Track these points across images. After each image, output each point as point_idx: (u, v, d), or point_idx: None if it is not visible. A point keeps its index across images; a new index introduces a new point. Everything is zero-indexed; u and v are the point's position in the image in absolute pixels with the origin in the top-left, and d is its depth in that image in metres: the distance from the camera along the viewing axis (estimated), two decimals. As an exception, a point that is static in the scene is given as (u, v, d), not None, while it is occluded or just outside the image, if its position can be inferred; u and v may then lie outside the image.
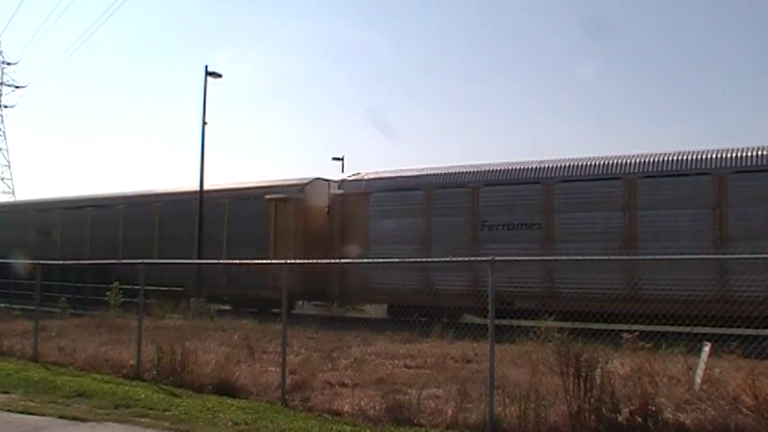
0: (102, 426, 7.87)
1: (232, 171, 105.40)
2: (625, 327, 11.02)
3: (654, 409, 7.04)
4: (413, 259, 18.98)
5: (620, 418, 7.03)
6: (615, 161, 18.19)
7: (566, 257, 15.97)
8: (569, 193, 18.50)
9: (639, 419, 6.97)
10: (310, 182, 23.86)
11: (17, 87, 64.62)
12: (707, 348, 8.44)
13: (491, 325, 7.64)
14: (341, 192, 22.50)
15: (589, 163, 18.61)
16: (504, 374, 8.11)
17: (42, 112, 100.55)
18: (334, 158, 38.48)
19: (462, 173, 20.39)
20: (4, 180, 67.37)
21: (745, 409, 6.89)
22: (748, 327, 13.67)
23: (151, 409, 8.58)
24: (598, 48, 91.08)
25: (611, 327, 12.33)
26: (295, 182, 24.03)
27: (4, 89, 64.99)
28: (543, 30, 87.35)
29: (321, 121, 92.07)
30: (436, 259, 18.01)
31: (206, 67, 24.86)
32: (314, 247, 22.06)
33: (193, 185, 25.49)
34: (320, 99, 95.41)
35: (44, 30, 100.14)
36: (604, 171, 18.27)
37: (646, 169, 17.69)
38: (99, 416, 8.28)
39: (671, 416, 7.03)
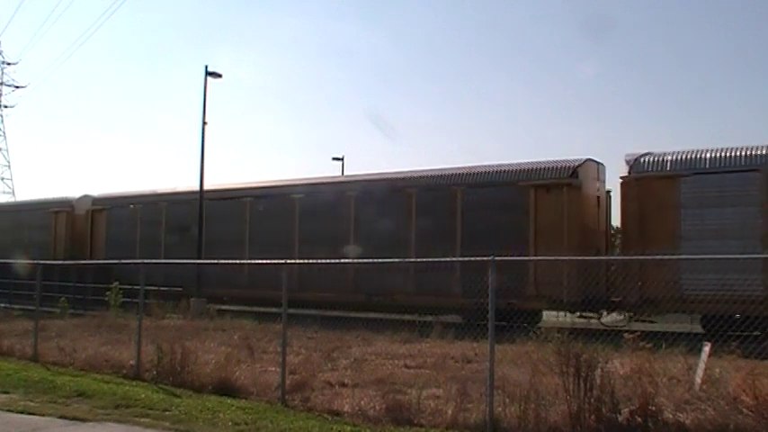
0: (102, 426, 7.87)
1: (231, 171, 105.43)
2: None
3: (654, 409, 7.03)
4: (410, 260, 18.43)
5: (620, 418, 7.04)
6: None
7: (574, 257, 15.06)
8: None
9: (639, 419, 6.97)
10: (582, 164, 19.12)
11: (17, 87, 64.76)
12: (707, 348, 8.43)
13: (491, 325, 7.64)
14: (633, 175, 17.80)
15: None
16: (504, 374, 8.10)
17: (42, 112, 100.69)
18: (334, 158, 38.44)
19: None
20: (4, 180, 67.50)
21: (745, 409, 6.89)
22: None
23: (151, 409, 8.57)
24: (598, 48, 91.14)
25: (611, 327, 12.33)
26: (561, 164, 19.23)
27: (4, 89, 65.13)
28: (543, 30, 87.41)
29: (320, 120, 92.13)
30: (429, 259, 16.43)
31: (206, 67, 24.94)
32: (590, 245, 18.18)
33: (410, 170, 21.76)
34: (320, 99, 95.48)
35: (44, 30, 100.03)
36: None
37: None
38: (99, 416, 8.28)
39: (671, 416, 7.03)
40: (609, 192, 20.18)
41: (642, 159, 17.93)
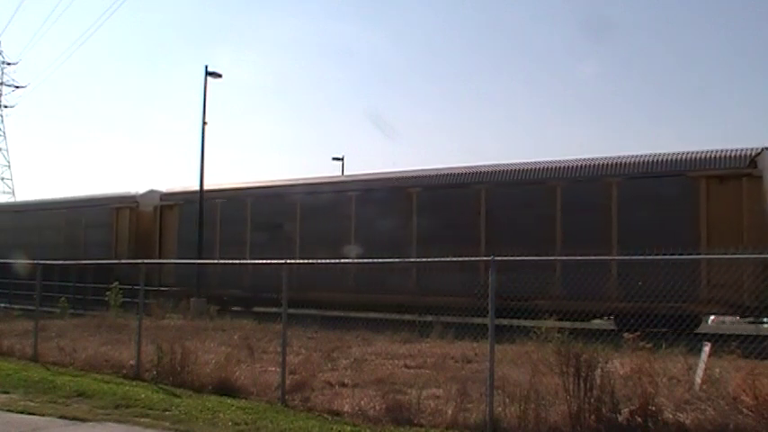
0: (102, 426, 7.87)
1: (231, 171, 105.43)
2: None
3: (654, 409, 7.03)
4: (409, 259, 17.92)
5: (620, 418, 7.03)
6: None
7: (565, 257, 14.07)
8: None
9: (639, 419, 6.97)
10: (760, 152, 16.57)
11: (17, 87, 64.91)
12: (707, 348, 8.43)
13: (491, 325, 7.64)
14: None
15: None
16: (504, 374, 8.10)
17: (42, 112, 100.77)
18: (334, 158, 38.37)
19: None
20: (4, 180, 67.62)
21: (745, 409, 6.89)
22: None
23: (151, 409, 8.58)
24: (598, 48, 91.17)
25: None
26: (737, 152, 16.75)
27: (4, 89, 65.26)
28: (543, 30, 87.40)
29: (320, 120, 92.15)
30: (431, 259, 14.93)
31: (206, 67, 24.91)
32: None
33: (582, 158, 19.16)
34: (320, 99, 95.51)
35: (44, 30, 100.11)
36: None
37: None
38: (99, 416, 8.28)
39: (671, 416, 7.03)
40: None
41: None
